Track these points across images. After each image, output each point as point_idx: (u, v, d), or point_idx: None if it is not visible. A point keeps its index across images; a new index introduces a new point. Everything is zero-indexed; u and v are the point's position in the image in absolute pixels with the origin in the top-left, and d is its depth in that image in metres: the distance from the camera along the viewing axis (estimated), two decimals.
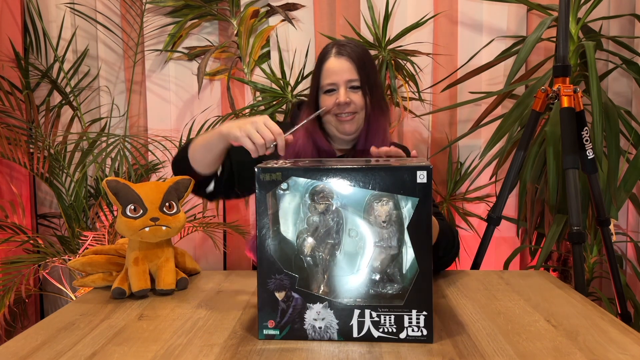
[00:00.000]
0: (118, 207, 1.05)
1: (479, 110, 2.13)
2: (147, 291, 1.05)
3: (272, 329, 0.82)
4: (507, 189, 1.49)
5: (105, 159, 2.00)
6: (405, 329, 0.81)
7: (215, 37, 2.31)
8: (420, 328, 0.80)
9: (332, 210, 0.82)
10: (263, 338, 0.83)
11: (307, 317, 0.82)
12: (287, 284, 0.81)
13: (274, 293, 0.82)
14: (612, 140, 1.67)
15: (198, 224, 2.06)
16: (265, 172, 0.80)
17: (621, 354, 0.76)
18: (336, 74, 1.26)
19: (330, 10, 2.21)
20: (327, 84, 1.27)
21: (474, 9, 2.18)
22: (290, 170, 0.80)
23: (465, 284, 1.12)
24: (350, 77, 1.26)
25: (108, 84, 2.34)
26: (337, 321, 0.82)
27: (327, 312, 0.81)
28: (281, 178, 0.80)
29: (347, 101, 1.25)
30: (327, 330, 0.82)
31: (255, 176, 0.81)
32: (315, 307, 0.81)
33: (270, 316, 0.82)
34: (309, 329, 0.82)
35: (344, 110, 1.26)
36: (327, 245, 0.83)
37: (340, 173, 0.80)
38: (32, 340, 0.84)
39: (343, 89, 1.26)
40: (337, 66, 1.26)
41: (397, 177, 0.79)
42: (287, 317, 0.82)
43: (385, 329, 0.81)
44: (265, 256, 0.82)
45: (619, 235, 2.05)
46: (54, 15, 2.31)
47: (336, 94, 1.26)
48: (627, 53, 1.92)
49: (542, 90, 1.44)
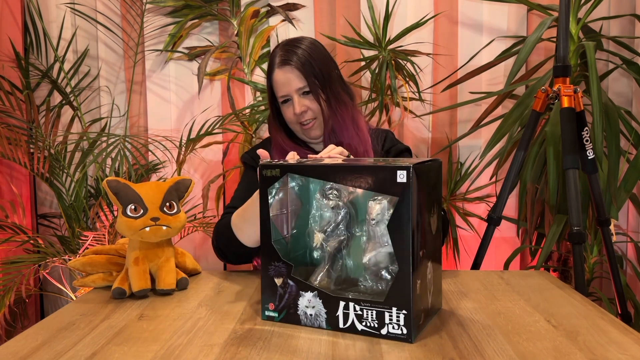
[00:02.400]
0: (118, 207, 1.05)
1: (479, 111, 2.13)
2: (147, 291, 1.05)
3: (272, 311, 0.90)
4: (508, 189, 1.49)
5: (106, 159, 2.00)
6: (386, 325, 0.82)
7: (215, 37, 2.31)
8: (400, 326, 0.81)
9: (341, 207, 0.89)
10: (265, 319, 0.91)
11: (300, 303, 0.88)
12: (284, 271, 0.88)
13: (274, 279, 0.89)
14: (612, 141, 1.67)
15: (198, 224, 2.06)
16: (266, 168, 0.88)
17: (621, 354, 0.76)
18: (285, 85, 1.25)
19: (331, 10, 2.21)
20: (280, 96, 1.27)
21: (474, 9, 2.18)
22: (287, 167, 0.88)
23: (465, 284, 1.12)
24: (299, 85, 1.24)
25: (108, 84, 2.34)
26: (325, 310, 0.86)
27: (317, 301, 0.86)
28: (279, 174, 0.88)
29: (304, 109, 1.25)
30: (317, 318, 0.87)
31: (258, 172, 0.89)
32: (307, 295, 0.87)
33: (270, 299, 0.90)
34: (302, 315, 0.88)
35: (304, 118, 1.26)
36: (335, 240, 0.90)
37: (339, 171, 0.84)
38: (32, 340, 0.84)
39: (296, 98, 1.25)
40: (283, 78, 1.25)
41: (378, 177, 0.80)
42: (284, 302, 0.89)
43: (368, 323, 0.83)
44: (267, 244, 0.89)
45: (619, 235, 2.05)
46: (54, 15, 2.31)
47: (291, 103, 1.26)
48: (628, 53, 1.92)
49: (543, 90, 1.44)
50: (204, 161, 2.31)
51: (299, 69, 1.23)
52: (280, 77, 1.25)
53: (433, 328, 0.87)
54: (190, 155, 2.16)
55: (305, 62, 1.23)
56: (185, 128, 2.22)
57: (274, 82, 1.27)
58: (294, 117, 1.26)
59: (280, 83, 1.25)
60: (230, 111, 2.19)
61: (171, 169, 2.25)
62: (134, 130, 2.33)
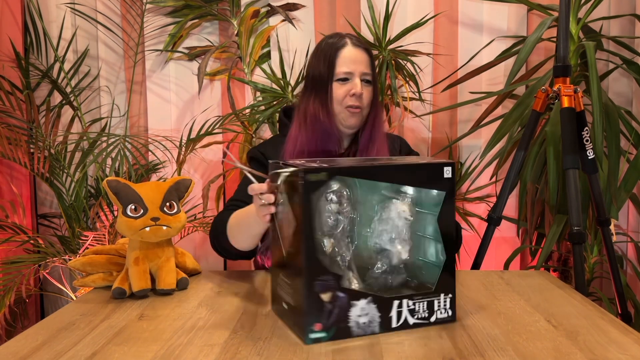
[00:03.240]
0: (119, 207, 1.05)
1: (479, 111, 2.13)
2: (147, 291, 1.05)
3: (319, 331, 0.82)
4: (508, 189, 1.49)
5: (106, 159, 2.00)
6: (435, 313, 0.89)
7: (215, 37, 2.31)
8: (446, 310, 0.90)
9: (345, 210, 0.86)
10: (310, 343, 0.82)
11: (351, 314, 0.84)
12: (332, 284, 0.82)
13: (320, 295, 0.82)
14: (612, 141, 1.67)
15: (198, 224, 2.06)
16: (309, 173, 0.80)
17: (621, 354, 0.76)
18: (354, 63, 1.23)
19: (331, 10, 2.21)
20: (343, 71, 1.23)
21: (474, 9, 2.17)
22: (335, 169, 0.82)
23: (465, 284, 1.12)
24: (366, 69, 1.25)
25: (108, 84, 2.34)
26: (379, 314, 0.85)
27: (371, 307, 0.85)
28: (326, 178, 0.81)
29: (362, 92, 1.23)
30: (370, 325, 0.85)
31: (301, 178, 0.80)
32: (360, 304, 0.84)
33: (317, 319, 0.82)
34: (354, 326, 0.84)
35: (354, 102, 1.23)
36: (346, 243, 0.87)
37: (383, 171, 0.86)
38: (32, 340, 0.84)
39: (358, 80, 1.23)
40: (356, 56, 1.24)
41: (426, 173, 0.88)
42: (333, 318, 0.83)
43: (419, 315, 0.87)
44: (312, 259, 0.81)
45: (619, 235, 2.05)
46: (54, 15, 2.31)
47: (350, 84, 1.23)
48: (628, 53, 1.92)
49: (543, 90, 1.44)
50: (204, 161, 2.31)
51: (370, 58, 1.27)
52: (353, 53, 1.24)
53: (433, 328, 0.87)
54: (190, 155, 2.16)
55: (372, 55, 1.28)
56: (185, 128, 2.22)
57: (342, 57, 1.24)
58: (348, 97, 1.24)
59: (351, 60, 1.24)
60: (230, 111, 2.19)
61: (171, 169, 2.25)
62: (134, 130, 2.32)
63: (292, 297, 0.86)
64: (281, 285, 0.90)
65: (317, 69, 1.26)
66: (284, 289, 0.89)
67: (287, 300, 0.88)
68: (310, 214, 0.81)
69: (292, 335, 0.84)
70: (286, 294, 0.88)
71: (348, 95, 1.23)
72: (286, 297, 0.88)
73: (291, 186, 0.83)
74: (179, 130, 2.27)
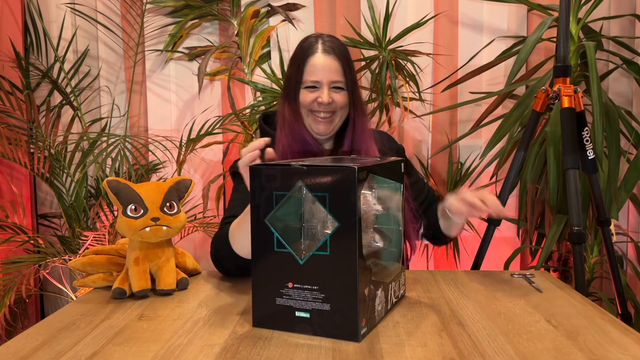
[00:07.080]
0: (119, 207, 1.05)
1: (479, 111, 2.13)
2: (147, 291, 1.05)
3: (365, 327, 0.82)
4: (508, 189, 1.49)
5: (106, 159, 2.00)
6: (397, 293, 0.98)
7: (215, 37, 2.31)
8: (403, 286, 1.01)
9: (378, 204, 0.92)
10: (361, 340, 0.81)
11: (377, 305, 0.86)
12: (368, 278, 0.83)
13: (364, 290, 0.81)
14: (612, 141, 1.67)
15: (198, 224, 2.06)
16: (360, 170, 0.79)
17: (621, 354, 0.76)
18: (322, 72, 1.22)
19: (331, 10, 2.21)
20: (310, 80, 1.22)
21: (474, 9, 2.18)
22: (369, 168, 0.82)
23: (465, 284, 1.12)
24: (336, 77, 1.22)
25: (108, 84, 2.34)
26: (385, 300, 0.90)
27: (382, 294, 0.89)
28: (365, 176, 0.82)
29: (329, 101, 1.21)
30: (382, 311, 0.89)
31: (350, 175, 0.78)
32: (379, 294, 0.87)
33: (363, 315, 0.81)
34: (377, 316, 0.87)
35: (321, 109, 1.23)
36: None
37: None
38: (32, 340, 0.84)
39: (326, 89, 1.22)
40: (323, 64, 1.22)
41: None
42: (369, 311, 0.84)
43: (397, 294, 0.98)
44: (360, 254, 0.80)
45: (619, 235, 2.05)
46: (54, 15, 2.31)
47: (318, 92, 1.22)
48: (628, 53, 1.92)
49: (543, 90, 1.44)
50: (204, 161, 2.31)
51: (341, 63, 1.23)
52: (321, 61, 1.22)
53: (433, 328, 0.87)
54: (190, 155, 2.16)
55: (346, 59, 1.24)
56: (186, 128, 2.22)
57: (310, 66, 1.22)
58: (313, 104, 1.23)
59: (319, 67, 1.22)
60: (231, 111, 2.19)
61: (171, 169, 2.25)
62: (134, 130, 2.33)
63: (329, 300, 0.81)
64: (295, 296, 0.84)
65: (288, 74, 1.27)
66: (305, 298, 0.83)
67: (314, 307, 0.82)
68: (354, 211, 0.79)
69: (293, 335, 0.84)
70: (309, 302, 0.83)
71: (316, 102, 1.23)
72: (310, 305, 0.83)
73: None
74: (179, 131, 2.27)
